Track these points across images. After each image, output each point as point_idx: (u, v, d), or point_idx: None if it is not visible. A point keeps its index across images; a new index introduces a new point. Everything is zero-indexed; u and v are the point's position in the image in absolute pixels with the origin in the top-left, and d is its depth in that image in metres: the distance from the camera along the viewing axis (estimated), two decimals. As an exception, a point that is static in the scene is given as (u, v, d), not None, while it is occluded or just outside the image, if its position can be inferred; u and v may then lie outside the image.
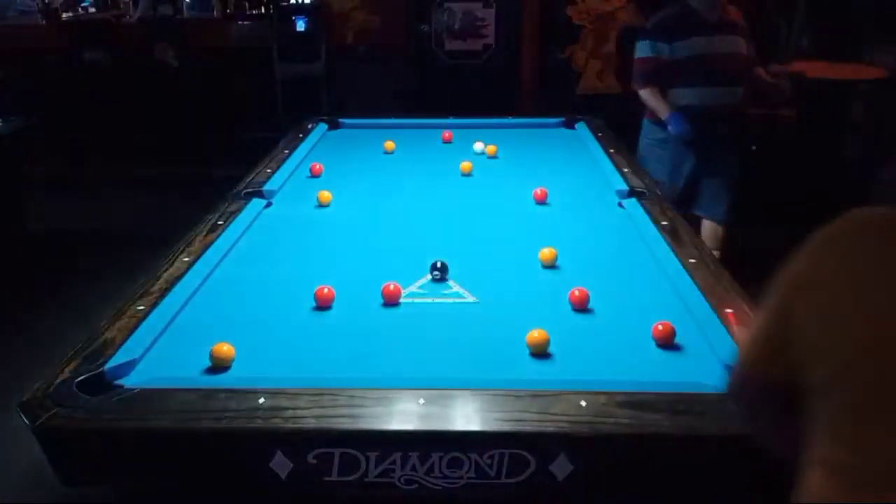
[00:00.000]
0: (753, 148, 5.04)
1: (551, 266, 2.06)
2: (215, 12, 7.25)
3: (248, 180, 2.76)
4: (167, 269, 1.96)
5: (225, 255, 2.13)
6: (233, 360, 1.57)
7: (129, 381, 1.47)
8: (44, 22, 7.07)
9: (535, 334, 1.60)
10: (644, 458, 1.35)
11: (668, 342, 1.63)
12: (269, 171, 2.87)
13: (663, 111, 3.27)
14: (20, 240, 4.57)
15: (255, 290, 1.95)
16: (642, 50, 3.33)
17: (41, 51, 6.63)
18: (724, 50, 3.26)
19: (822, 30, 5.65)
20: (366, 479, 1.34)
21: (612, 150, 3.10)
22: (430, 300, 1.87)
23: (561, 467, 1.32)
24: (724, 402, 1.37)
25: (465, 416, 1.35)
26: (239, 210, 2.44)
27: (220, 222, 2.32)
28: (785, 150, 4.70)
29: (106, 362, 1.51)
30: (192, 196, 3.30)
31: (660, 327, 1.64)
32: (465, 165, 2.93)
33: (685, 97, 3.28)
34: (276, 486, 1.35)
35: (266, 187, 2.69)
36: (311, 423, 1.33)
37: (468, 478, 1.33)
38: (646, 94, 3.35)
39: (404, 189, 2.79)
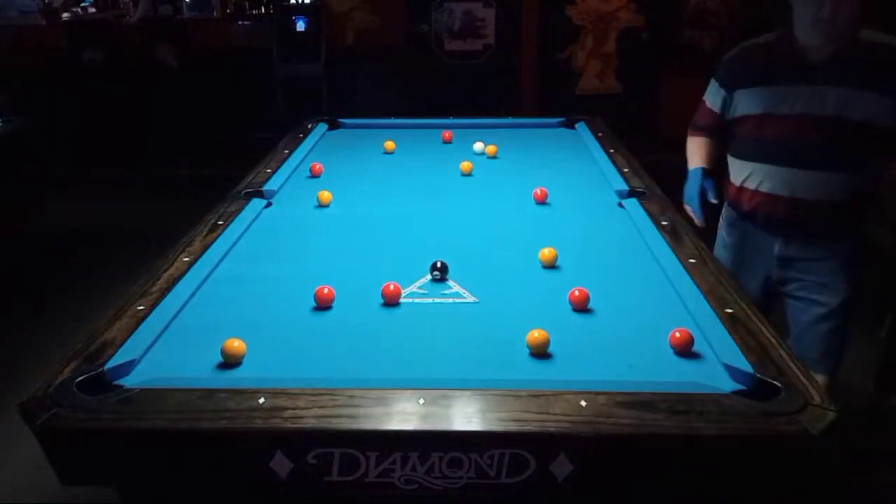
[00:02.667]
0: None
1: (551, 266, 2.06)
2: (215, 12, 7.27)
3: (248, 180, 2.76)
4: (167, 269, 1.96)
5: (225, 255, 2.13)
6: (244, 355, 1.58)
7: (129, 381, 1.47)
8: (44, 22, 7.08)
9: (535, 334, 1.60)
10: (644, 458, 1.35)
11: (684, 350, 1.60)
12: (269, 171, 2.87)
13: (690, 164, 2.48)
14: (19, 240, 4.57)
15: (255, 289, 1.95)
16: (707, 90, 2.47)
17: (41, 51, 6.64)
18: (824, 110, 2.11)
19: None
20: (366, 479, 1.34)
21: (612, 150, 3.09)
22: (430, 300, 1.87)
23: (561, 467, 1.32)
24: (723, 401, 1.37)
25: (465, 416, 1.35)
26: (239, 210, 2.44)
27: (220, 222, 2.32)
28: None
29: (106, 362, 1.51)
30: (192, 196, 3.30)
31: (677, 335, 1.61)
32: (466, 165, 2.93)
33: (741, 173, 2.35)
34: (275, 486, 1.35)
35: (266, 187, 2.69)
36: (310, 423, 1.33)
37: (468, 478, 1.34)
38: (687, 143, 2.56)
39: (404, 189, 2.79)
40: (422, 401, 1.37)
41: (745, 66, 2.31)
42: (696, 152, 2.49)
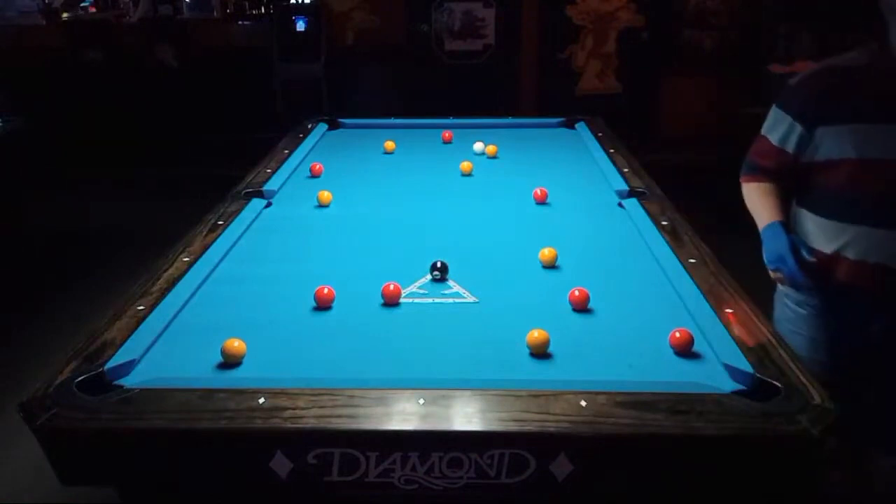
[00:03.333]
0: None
1: (551, 266, 2.06)
2: (215, 13, 7.27)
3: (248, 180, 2.76)
4: (167, 269, 1.97)
5: (225, 255, 2.13)
6: (244, 355, 1.58)
7: (129, 381, 1.47)
8: (44, 22, 7.08)
9: (535, 334, 1.60)
10: (644, 458, 1.35)
11: (684, 350, 1.60)
12: (269, 171, 2.87)
13: (759, 218, 1.97)
14: (19, 240, 4.57)
15: (254, 290, 1.95)
16: (768, 122, 1.97)
17: (41, 51, 6.63)
18: None
19: (822, 30, 5.66)
20: (366, 479, 1.34)
21: (612, 150, 3.10)
22: (430, 300, 1.87)
23: (561, 467, 1.32)
24: (724, 401, 1.37)
25: (465, 416, 1.35)
26: (239, 210, 2.44)
27: (220, 222, 2.32)
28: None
29: (106, 362, 1.51)
30: (192, 196, 3.30)
31: (677, 335, 1.61)
32: (466, 165, 2.93)
33: (833, 238, 1.88)
34: (275, 486, 1.35)
35: (266, 187, 2.69)
36: (310, 423, 1.33)
37: (468, 478, 1.33)
38: (746, 191, 2.05)
39: (404, 189, 2.79)
40: (422, 401, 1.37)
41: (830, 94, 1.81)
42: (764, 203, 1.94)
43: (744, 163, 2.06)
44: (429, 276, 1.97)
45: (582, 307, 1.80)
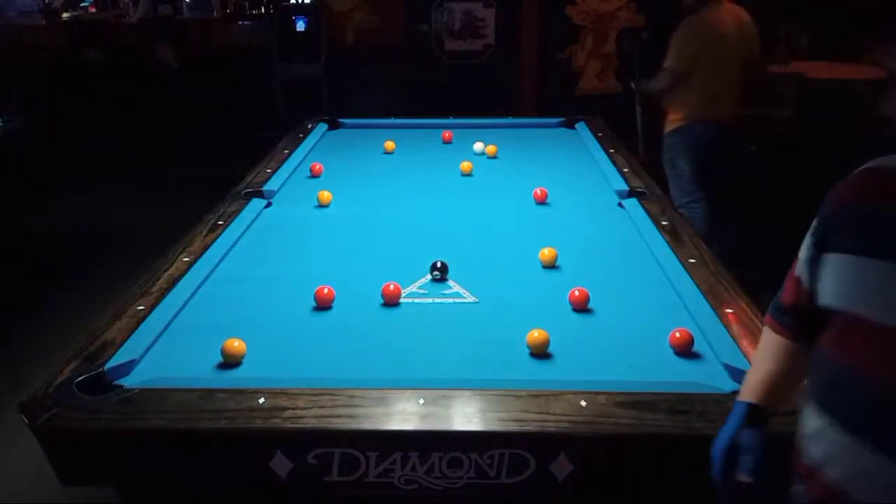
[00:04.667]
0: (753, 148, 5.06)
1: (551, 266, 2.06)
2: (215, 13, 7.26)
3: (248, 180, 2.76)
4: (167, 269, 1.97)
5: (225, 255, 2.13)
6: (244, 355, 1.58)
7: (129, 381, 1.47)
8: (44, 22, 7.07)
9: (535, 334, 1.60)
10: (644, 458, 1.35)
11: (684, 350, 1.61)
12: (269, 171, 2.87)
13: (744, 384, 1.29)
14: (19, 240, 4.57)
15: (255, 290, 1.95)
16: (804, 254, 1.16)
17: (41, 51, 6.63)
18: None
19: (822, 30, 5.66)
20: (366, 479, 1.34)
21: (612, 150, 3.10)
22: (430, 300, 1.87)
23: (561, 467, 1.32)
24: (723, 402, 1.37)
25: (465, 416, 1.35)
26: (239, 210, 2.44)
27: (220, 222, 2.32)
28: (783, 150, 4.70)
29: (106, 362, 1.51)
30: (192, 196, 3.29)
31: (677, 335, 1.61)
32: (466, 165, 2.93)
33: (812, 440, 1.14)
34: (275, 486, 1.35)
35: (266, 187, 2.69)
36: (310, 423, 1.33)
37: (468, 478, 1.34)
38: (761, 336, 1.33)
39: (404, 189, 2.79)
40: (422, 401, 1.37)
41: (855, 211, 1.06)
42: (758, 366, 1.29)
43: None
44: (429, 276, 1.97)
45: (582, 307, 1.80)
